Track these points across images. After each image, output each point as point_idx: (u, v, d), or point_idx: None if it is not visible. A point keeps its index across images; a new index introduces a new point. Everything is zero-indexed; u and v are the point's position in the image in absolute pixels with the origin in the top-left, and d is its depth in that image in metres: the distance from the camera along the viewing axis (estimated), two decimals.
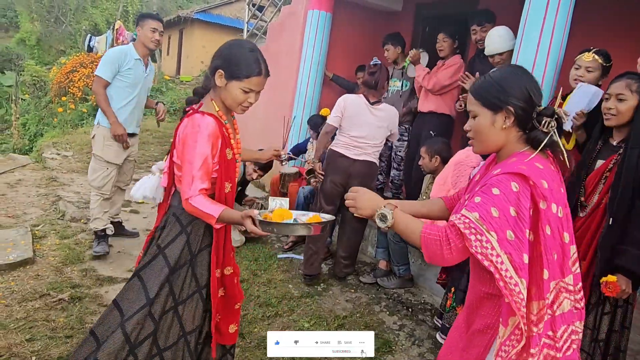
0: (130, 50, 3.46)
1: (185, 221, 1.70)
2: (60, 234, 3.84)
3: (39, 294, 2.85)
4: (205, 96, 1.74)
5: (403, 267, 3.49)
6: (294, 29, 5.25)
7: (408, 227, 1.31)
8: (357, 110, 3.32)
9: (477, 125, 1.34)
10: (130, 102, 3.49)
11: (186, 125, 1.63)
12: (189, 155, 1.60)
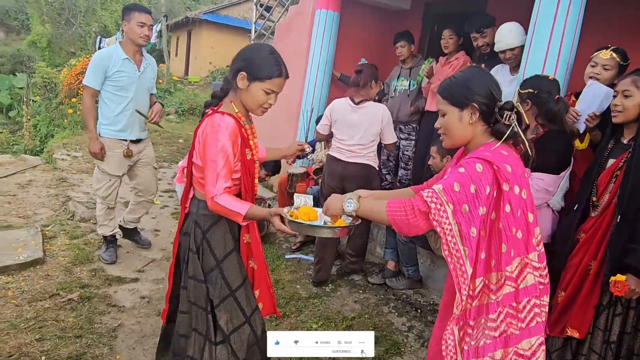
0: (115, 51, 3.18)
1: (205, 227, 1.75)
2: (69, 234, 3.87)
3: (49, 293, 2.87)
4: (224, 99, 1.76)
5: (412, 267, 3.46)
6: (302, 29, 5.24)
7: (373, 208, 1.46)
8: (341, 113, 3.31)
9: (446, 122, 1.49)
10: (127, 106, 3.24)
11: (206, 125, 1.66)
12: (211, 154, 1.62)
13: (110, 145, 3.28)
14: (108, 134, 3.27)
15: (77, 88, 12.25)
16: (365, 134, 3.27)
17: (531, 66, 2.71)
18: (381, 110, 3.30)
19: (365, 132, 3.27)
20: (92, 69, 3.16)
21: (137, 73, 3.27)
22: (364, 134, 3.27)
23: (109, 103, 3.23)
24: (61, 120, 11.96)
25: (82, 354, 2.34)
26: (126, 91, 3.23)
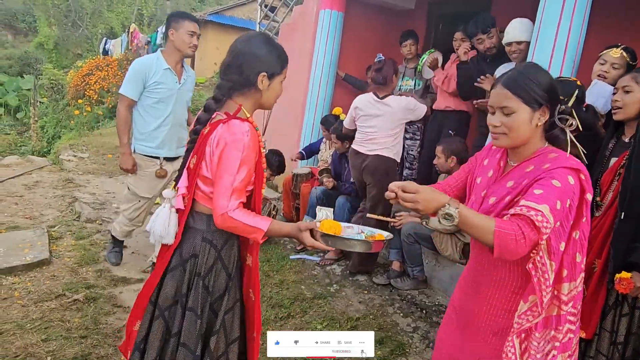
0: (157, 60, 2.93)
1: (219, 245, 1.55)
2: (76, 234, 3.89)
3: (55, 294, 2.88)
4: (228, 103, 1.54)
5: (417, 268, 3.44)
6: (306, 29, 5.24)
7: (478, 223, 1.26)
8: (366, 105, 3.53)
9: (513, 122, 1.34)
10: (166, 120, 2.96)
11: (223, 133, 1.44)
12: (230, 166, 1.42)
13: (142, 164, 3.01)
14: (142, 151, 3.01)
15: (83, 89, 12.36)
16: (388, 123, 3.45)
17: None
18: (404, 100, 3.54)
19: (389, 121, 3.45)
20: (130, 77, 2.91)
21: (178, 85, 3.01)
22: (385, 123, 3.45)
23: (145, 117, 2.96)
24: (68, 121, 12.06)
25: (87, 355, 2.34)
26: (165, 105, 2.95)
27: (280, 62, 1.56)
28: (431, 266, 3.57)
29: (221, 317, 1.55)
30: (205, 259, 1.54)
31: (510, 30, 3.09)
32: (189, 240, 1.55)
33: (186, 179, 1.55)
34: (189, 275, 1.54)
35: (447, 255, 3.26)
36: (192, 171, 1.53)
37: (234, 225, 1.44)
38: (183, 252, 1.55)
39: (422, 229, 3.32)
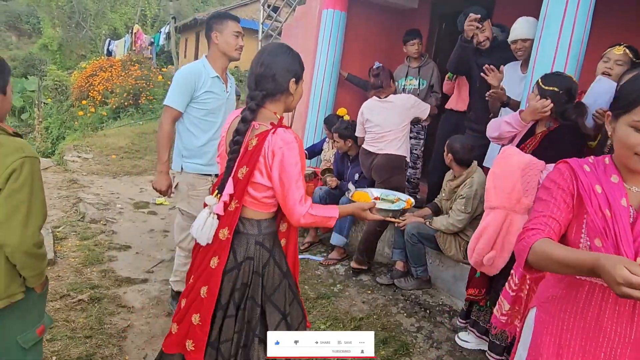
0: (204, 67, 2.61)
1: (270, 246, 1.70)
2: (80, 235, 3.91)
3: (60, 294, 2.90)
4: (261, 112, 1.65)
5: (420, 268, 3.44)
6: (309, 29, 5.24)
7: None
8: (372, 109, 3.72)
9: None
10: (216, 134, 2.62)
11: (276, 143, 1.56)
12: (292, 173, 1.56)
13: (194, 183, 2.65)
14: (193, 169, 2.64)
15: (87, 90, 12.43)
16: (394, 119, 3.62)
17: (540, 63, 2.68)
18: (405, 96, 3.78)
19: (395, 117, 3.62)
20: (178, 86, 2.56)
21: (226, 94, 2.71)
22: (392, 119, 3.63)
23: (194, 130, 2.62)
24: (72, 122, 12.14)
25: (92, 355, 2.36)
26: (215, 116, 2.64)
27: (301, 66, 1.73)
28: (435, 266, 3.56)
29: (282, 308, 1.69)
30: (259, 260, 1.67)
31: (516, 28, 3.08)
32: (242, 244, 1.67)
33: (232, 187, 1.63)
34: (245, 273, 1.66)
35: (451, 255, 3.25)
36: (242, 181, 1.61)
37: (314, 220, 1.62)
38: (237, 255, 1.66)
39: (426, 228, 3.32)
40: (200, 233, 1.64)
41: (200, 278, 1.69)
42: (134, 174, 6.28)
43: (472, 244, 2.46)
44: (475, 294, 2.62)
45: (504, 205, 2.33)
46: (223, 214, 1.64)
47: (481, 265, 2.44)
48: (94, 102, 12.05)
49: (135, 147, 7.70)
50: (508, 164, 2.35)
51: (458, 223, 3.12)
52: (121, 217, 4.50)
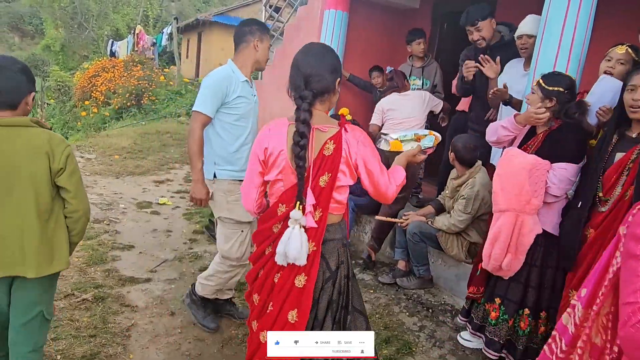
0: (234, 72, 2.54)
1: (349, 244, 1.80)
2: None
3: (64, 294, 2.91)
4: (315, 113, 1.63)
5: (423, 267, 3.45)
6: (311, 29, 5.25)
7: None
8: (392, 101, 4.01)
9: None
10: (247, 139, 2.58)
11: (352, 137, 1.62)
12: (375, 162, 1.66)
13: (231, 189, 2.58)
14: (227, 176, 2.56)
15: (90, 91, 12.48)
16: (413, 111, 3.92)
17: (542, 62, 2.68)
18: (421, 93, 4.04)
19: (413, 109, 3.93)
20: (210, 92, 2.47)
21: (255, 98, 2.68)
22: (411, 111, 3.92)
23: (225, 136, 2.55)
24: (75, 122, 12.19)
25: (96, 353, 2.37)
26: (246, 120, 2.59)
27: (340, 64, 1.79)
28: (437, 265, 3.57)
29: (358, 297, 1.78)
30: (348, 262, 1.73)
31: (523, 24, 3.09)
32: (332, 251, 1.67)
33: (313, 197, 1.58)
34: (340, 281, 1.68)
35: (453, 255, 3.26)
36: (326, 189, 1.58)
37: (399, 190, 1.75)
38: (330, 264, 1.66)
39: (428, 228, 3.32)
40: (300, 253, 1.55)
41: (286, 301, 1.60)
42: (137, 174, 6.30)
43: (487, 251, 2.41)
44: (475, 292, 2.63)
45: (513, 207, 2.31)
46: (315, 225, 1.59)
47: (499, 270, 2.41)
48: (97, 102, 12.10)
49: (138, 148, 7.71)
50: (512, 165, 2.34)
51: (459, 224, 3.13)
52: (124, 217, 4.52)
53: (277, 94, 5.96)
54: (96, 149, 7.41)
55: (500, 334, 2.47)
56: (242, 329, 2.75)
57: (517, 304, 2.43)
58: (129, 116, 11.10)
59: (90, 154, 7.19)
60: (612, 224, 2.07)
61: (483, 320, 2.59)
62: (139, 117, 10.88)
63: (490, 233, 2.42)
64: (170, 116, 10.68)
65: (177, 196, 5.45)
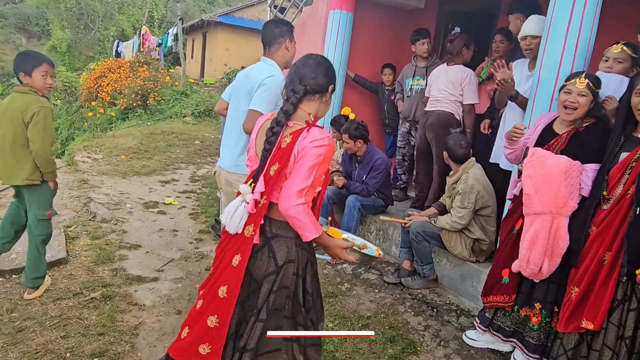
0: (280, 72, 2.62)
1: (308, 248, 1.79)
2: (91, 234, 3.96)
3: (72, 292, 2.95)
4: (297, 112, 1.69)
5: (427, 267, 3.45)
6: (316, 30, 5.26)
7: None
8: (438, 73, 4.03)
9: None
10: None
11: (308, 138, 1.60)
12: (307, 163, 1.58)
13: None
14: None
15: (96, 92, 12.55)
16: (450, 86, 3.88)
17: (548, 62, 2.69)
18: (466, 72, 3.86)
19: (450, 84, 3.88)
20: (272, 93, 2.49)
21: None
22: (448, 86, 3.90)
23: None
24: (81, 123, 12.26)
25: (104, 351, 2.40)
26: None
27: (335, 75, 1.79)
28: (442, 265, 3.58)
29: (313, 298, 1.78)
30: (299, 262, 1.70)
31: (527, 25, 3.08)
32: (281, 247, 1.67)
33: (263, 185, 1.64)
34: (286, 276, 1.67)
35: (457, 254, 3.27)
36: (273, 178, 1.62)
37: (298, 218, 1.57)
38: (277, 259, 1.66)
39: (431, 227, 3.33)
40: (230, 221, 1.65)
41: (220, 277, 1.68)
42: (143, 174, 6.34)
43: (524, 256, 2.31)
44: (505, 300, 2.51)
45: (550, 210, 2.25)
46: (254, 211, 1.65)
47: (537, 274, 2.34)
48: (103, 103, 12.17)
49: (144, 148, 7.77)
50: (545, 167, 2.27)
51: (460, 220, 3.14)
52: (131, 217, 4.56)
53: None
54: (103, 149, 7.47)
55: (543, 338, 2.41)
56: None
57: (553, 304, 2.40)
58: (135, 116, 11.16)
59: (97, 154, 7.24)
60: (612, 221, 2.08)
61: (517, 326, 2.52)
62: (144, 118, 10.94)
63: (526, 237, 2.32)
64: (176, 116, 10.74)
65: (182, 196, 5.49)
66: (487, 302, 2.62)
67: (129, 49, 16.33)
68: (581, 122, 2.38)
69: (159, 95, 11.71)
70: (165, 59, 16.16)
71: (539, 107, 2.75)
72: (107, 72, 12.94)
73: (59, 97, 14.89)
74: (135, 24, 20.74)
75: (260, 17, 17.13)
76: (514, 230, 2.51)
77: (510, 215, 2.60)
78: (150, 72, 12.49)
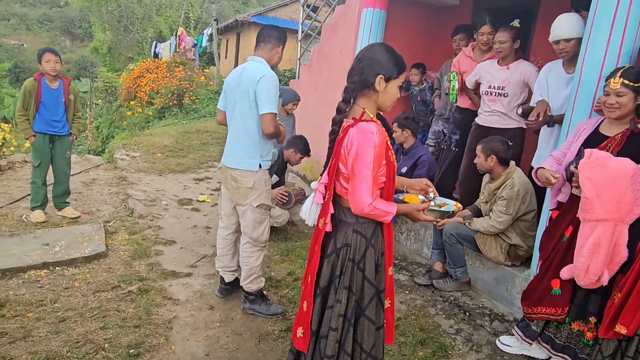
0: None
1: (368, 234, 1.78)
2: (129, 229, 4.11)
3: (111, 285, 3.07)
4: (353, 108, 1.77)
5: (460, 269, 3.39)
6: (348, 28, 5.25)
7: None
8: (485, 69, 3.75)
9: None
10: None
11: (354, 135, 1.66)
12: (364, 161, 1.63)
13: (267, 177, 2.87)
14: (266, 166, 2.84)
15: (134, 91, 12.99)
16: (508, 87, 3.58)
17: (589, 62, 2.57)
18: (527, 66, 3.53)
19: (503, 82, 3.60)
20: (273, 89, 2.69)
21: None
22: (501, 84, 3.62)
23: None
24: (120, 122, 12.73)
25: (140, 343, 2.49)
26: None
27: (397, 67, 1.75)
28: (475, 267, 3.50)
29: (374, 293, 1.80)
30: (357, 247, 1.77)
31: (558, 27, 2.91)
32: (342, 232, 1.79)
33: (327, 179, 1.79)
34: (342, 261, 1.78)
35: (492, 257, 3.19)
36: (331, 171, 1.76)
37: (376, 213, 1.68)
38: (337, 242, 1.79)
39: (465, 229, 3.26)
40: (308, 215, 1.85)
41: (309, 266, 1.86)
42: (178, 171, 6.52)
43: (582, 264, 2.16)
44: (558, 313, 2.37)
45: (613, 216, 2.10)
46: (322, 202, 1.80)
47: (594, 284, 2.20)
48: (141, 102, 12.59)
49: (179, 146, 7.97)
50: (607, 169, 2.11)
51: (499, 225, 3.05)
52: (166, 213, 4.70)
53: (313, 92, 6.00)
54: (140, 147, 7.71)
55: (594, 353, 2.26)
56: (278, 325, 2.81)
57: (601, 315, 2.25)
58: (171, 115, 11.48)
59: (135, 152, 7.49)
60: None
61: (568, 341, 2.39)
62: (180, 117, 11.24)
63: (587, 245, 2.15)
64: (210, 115, 10.96)
65: (215, 194, 5.60)
66: (534, 314, 2.46)
67: (166, 50, 16.79)
68: (635, 123, 2.22)
69: (194, 94, 12.00)
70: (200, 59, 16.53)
71: (580, 109, 2.63)
72: (145, 72, 13.39)
73: (100, 96, 15.50)
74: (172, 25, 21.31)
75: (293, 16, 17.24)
76: (564, 239, 2.37)
77: (559, 222, 2.44)
78: (186, 72, 12.82)
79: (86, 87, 16.54)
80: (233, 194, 2.84)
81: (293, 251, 3.92)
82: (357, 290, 1.78)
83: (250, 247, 2.88)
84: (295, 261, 3.72)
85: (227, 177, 2.83)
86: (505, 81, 3.55)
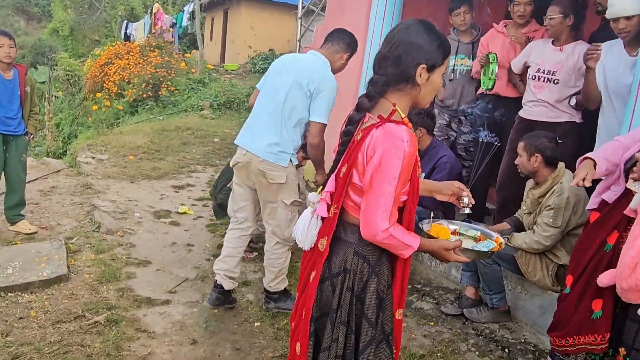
0: None
1: (372, 259, 1.69)
2: (95, 247, 4.14)
3: (74, 315, 3.09)
4: (381, 102, 1.66)
5: (497, 295, 3.38)
6: (359, 5, 5.28)
7: None
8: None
9: None
10: None
11: (378, 139, 1.55)
12: (387, 175, 1.53)
13: (297, 172, 3.24)
14: (295, 161, 3.17)
15: (101, 81, 13.09)
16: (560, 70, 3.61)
17: None
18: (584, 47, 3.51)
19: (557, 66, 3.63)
20: (331, 100, 3.07)
21: None
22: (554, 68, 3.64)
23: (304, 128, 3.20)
24: (85, 118, 12.82)
25: None
26: None
27: (443, 51, 1.64)
28: (515, 294, 3.49)
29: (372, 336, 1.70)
30: (357, 275, 1.68)
31: (616, 2, 2.88)
32: (339, 253, 1.70)
33: (334, 186, 1.68)
34: (339, 290, 1.69)
35: (536, 281, 3.18)
36: (342, 180, 1.65)
37: (391, 243, 1.57)
38: (332, 266, 1.70)
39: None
40: (304, 236, 1.72)
41: (300, 297, 1.79)
42: (154, 177, 6.55)
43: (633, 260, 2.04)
44: (597, 342, 2.32)
45: None
46: (326, 215, 1.69)
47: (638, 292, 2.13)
48: (109, 94, 12.68)
49: (155, 147, 8.02)
50: None
51: (545, 240, 3.05)
52: (140, 228, 4.72)
53: None
54: (109, 149, 7.77)
55: None
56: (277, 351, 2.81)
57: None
58: (145, 110, 11.55)
59: (102, 154, 7.54)
60: None
61: None
62: (156, 111, 11.30)
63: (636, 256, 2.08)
64: (192, 109, 11.03)
65: (199, 204, 5.62)
66: (571, 346, 2.43)
67: (139, 31, 16.93)
68: None
69: (172, 84, 12.08)
70: (180, 41, 16.67)
71: None
72: (115, 58, 13.48)
73: (61, 88, 15.61)
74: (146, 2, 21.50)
75: None
76: (606, 247, 2.35)
77: (599, 226, 2.42)
78: (163, 58, 12.90)
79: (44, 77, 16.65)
80: (262, 191, 3.10)
81: (293, 273, 3.92)
82: (355, 328, 1.69)
83: (280, 247, 3.20)
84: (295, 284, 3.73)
85: (253, 171, 3.03)
86: (558, 65, 3.58)
